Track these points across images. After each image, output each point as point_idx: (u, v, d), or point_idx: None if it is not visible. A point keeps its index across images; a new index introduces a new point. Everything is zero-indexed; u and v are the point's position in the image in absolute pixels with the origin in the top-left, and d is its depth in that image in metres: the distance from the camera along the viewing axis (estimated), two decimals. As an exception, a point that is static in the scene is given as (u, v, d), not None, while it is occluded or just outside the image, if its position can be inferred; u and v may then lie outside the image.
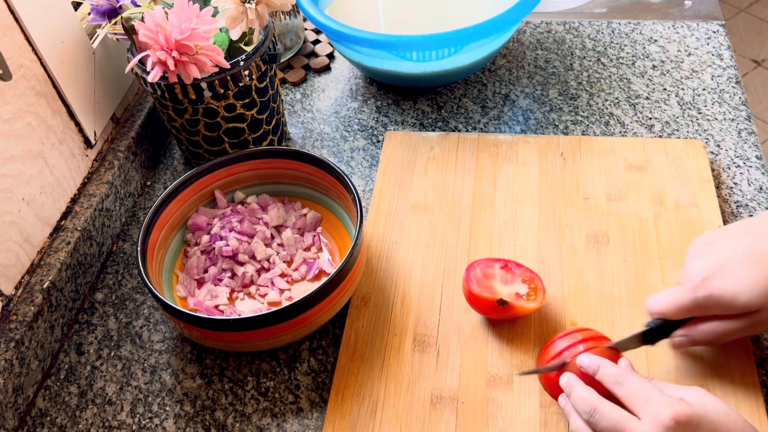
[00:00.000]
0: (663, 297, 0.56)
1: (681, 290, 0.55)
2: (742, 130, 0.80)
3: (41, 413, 0.64)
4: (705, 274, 0.54)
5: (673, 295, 0.55)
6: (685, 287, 0.54)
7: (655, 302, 0.56)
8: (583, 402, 0.51)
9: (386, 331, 0.65)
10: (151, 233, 0.67)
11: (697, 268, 0.54)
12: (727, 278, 0.53)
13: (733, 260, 0.53)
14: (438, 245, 0.71)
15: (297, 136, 0.86)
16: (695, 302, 0.54)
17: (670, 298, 0.55)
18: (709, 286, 0.53)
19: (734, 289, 0.52)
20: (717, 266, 0.53)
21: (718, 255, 0.54)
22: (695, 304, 0.54)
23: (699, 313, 0.55)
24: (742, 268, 0.52)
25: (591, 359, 0.54)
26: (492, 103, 0.87)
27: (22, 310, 0.64)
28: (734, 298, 0.52)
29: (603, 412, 0.50)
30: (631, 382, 0.50)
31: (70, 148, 0.73)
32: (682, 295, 0.54)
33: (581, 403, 0.51)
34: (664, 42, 0.91)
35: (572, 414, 0.53)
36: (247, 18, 0.68)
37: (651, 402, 0.48)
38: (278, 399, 0.63)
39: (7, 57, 0.63)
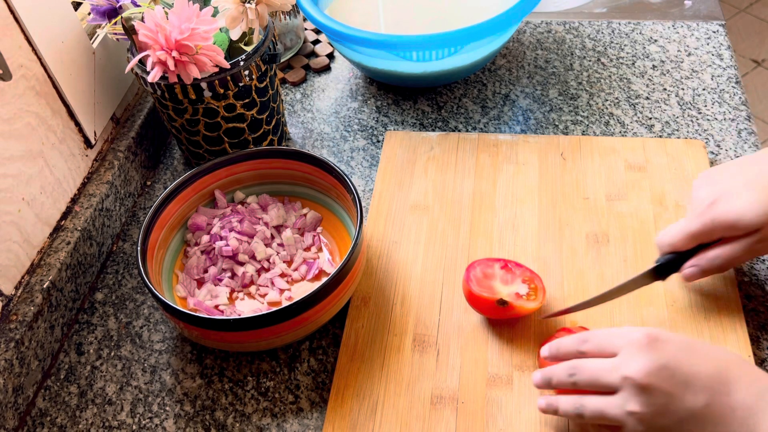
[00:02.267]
0: (671, 229, 0.59)
1: (688, 219, 0.58)
2: (742, 130, 0.80)
3: (41, 413, 0.64)
4: (710, 200, 0.57)
5: (681, 225, 0.58)
6: (692, 215, 0.58)
7: (665, 235, 0.60)
8: (563, 368, 0.53)
9: (386, 331, 0.65)
10: (151, 233, 0.67)
11: (703, 195, 0.58)
12: (731, 201, 0.56)
13: (735, 187, 0.57)
14: (438, 245, 0.71)
15: (297, 136, 0.86)
16: (702, 226, 0.57)
17: (679, 227, 0.58)
18: (715, 210, 0.56)
19: (738, 209, 0.55)
20: (721, 192, 0.57)
21: (721, 184, 0.58)
22: (703, 229, 0.57)
23: (707, 238, 0.58)
24: (745, 192, 0.56)
25: (548, 346, 0.56)
26: (492, 103, 0.87)
27: (22, 310, 0.64)
28: (739, 218, 0.55)
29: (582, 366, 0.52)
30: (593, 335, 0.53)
31: (70, 148, 0.73)
32: (690, 223, 0.58)
33: (562, 372, 0.53)
34: (664, 42, 0.91)
35: (559, 399, 0.53)
36: (247, 18, 0.68)
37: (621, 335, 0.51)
38: (278, 399, 0.63)
39: (7, 57, 0.63)
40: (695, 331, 0.61)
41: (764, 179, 0.56)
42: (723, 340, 0.61)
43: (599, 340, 0.52)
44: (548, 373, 0.54)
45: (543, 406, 0.55)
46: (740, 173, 0.58)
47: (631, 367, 0.48)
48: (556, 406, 0.54)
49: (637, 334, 0.49)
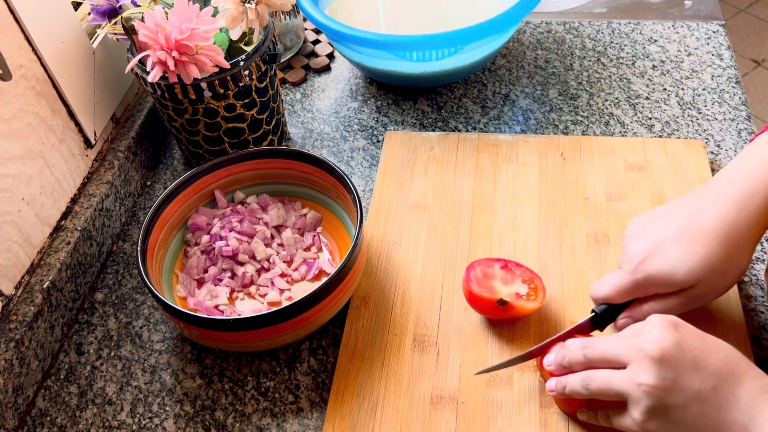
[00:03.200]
0: (605, 282, 0.58)
1: (621, 273, 0.57)
2: (742, 130, 0.80)
3: (41, 413, 0.64)
4: (642, 255, 0.56)
5: (614, 280, 0.58)
6: (625, 270, 0.57)
7: (598, 288, 0.59)
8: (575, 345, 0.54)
9: (386, 331, 0.65)
10: (151, 233, 0.67)
11: (635, 249, 0.57)
12: (663, 257, 0.55)
13: (667, 239, 0.55)
14: (438, 245, 0.71)
15: (297, 136, 0.86)
16: (635, 283, 0.56)
17: (612, 282, 0.58)
18: (647, 267, 0.55)
19: (670, 267, 0.54)
20: (653, 246, 0.56)
21: (653, 236, 0.56)
22: (635, 285, 0.56)
23: (640, 293, 0.57)
24: (677, 246, 0.54)
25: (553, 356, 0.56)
26: (492, 103, 0.87)
27: (22, 310, 0.64)
28: (671, 276, 0.54)
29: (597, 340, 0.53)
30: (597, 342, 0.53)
31: (70, 148, 0.73)
32: (623, 278, 0.57)
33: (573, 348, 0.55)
34: (664, 42, 0.91)
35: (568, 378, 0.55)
36: (247, 18, 0.68)
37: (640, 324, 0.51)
38: (278, 399, 0.63)
39: (7, 57, 0.63)
40: (695, 331, 0.61)
41: (694, 230, 0.54)
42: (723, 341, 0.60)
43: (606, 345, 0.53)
44: (562, 350, 0.56)
45: (552, 386, 0.56)
46: (671, 223, 0.56)
47: (647, 340, 0.49)
48: (564, 384, 0.55)
49: (657, 317, 0.50)
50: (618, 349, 0.51)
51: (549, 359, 0.57)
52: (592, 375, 0.52)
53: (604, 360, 0.52)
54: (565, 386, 0.54)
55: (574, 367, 0.54)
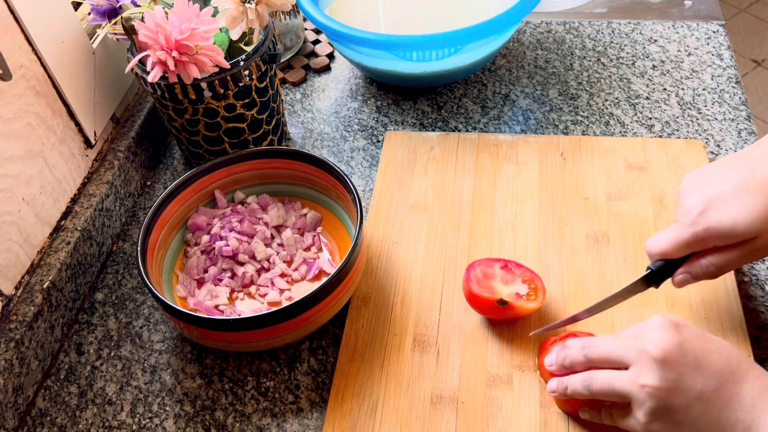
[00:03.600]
0: (662, 237, 0.57)
1: (679, 227, 0.56)
2: (742, 130, 0.80)
3: (41, 413, 0.64)
4: (701, 207, 0.54)
5: (672, 234, 0.56)
6: (683, 224, 0.55)
7: (655, 243, 0.57)
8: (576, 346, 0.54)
9: (386, 331, 0.65)
10: (151, 233, 0.67)
11: (693, 202, 0.55)
12: (723, 209, 0.53)
13: (726, 191, 0.54)
14: (438, 245, 0.71)
15: (297, 136, 0.86)
16: (695, 236, 0.54)
17: (670, 236, 0.56)
18: (707, 218, 0.54)
19: (731, 218, 0.53)
20: (712, 199, 0.54)
21: (711, 188, 0.55)
22: (695, 239, 0.55)
23: (699, 247, 0.55)
24: (737, 198, 0.53)
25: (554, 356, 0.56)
26: (492, 103, 0.87)
27: (22, 310, 0.64)
28: (732, 227, 0.53)
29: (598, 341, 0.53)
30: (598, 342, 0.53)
31: (70, 148, 0.73)
32: (681, 232, 0.55)
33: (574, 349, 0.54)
34: (664, 42, 0.91)
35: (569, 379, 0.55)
36: (247, 18, 0.68)
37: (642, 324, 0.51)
38: (278, 399, 0.63)
39: (7, 57, 0.63)
40: (695, 331, 0.61)
41: (755, 181, 0.53)
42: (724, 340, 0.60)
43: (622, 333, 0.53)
44: (563, 351, 0.56)
45: (554, 386, 0.56)
46: (729, 175, 0.55)
47: (649, 342, 0.49)
48: (566, 384, 0.54)
49: (658, 317, 0.50)
50: (620, 350, 0.51)
51: (550, 359, 0.57)
52: (593, 376, 0.52)
53: (605, 360, 0.52)
54: (566, 387, 0.54)
55: (576, 368, 0.54)
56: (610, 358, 0.51)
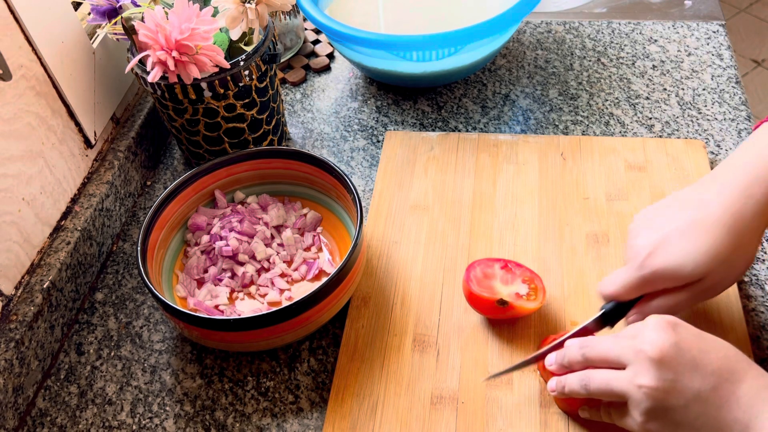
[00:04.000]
0: (612, 279, 0.57)
1: (628, 270, 0.56)
2: (742, 130, 0.80)
3: (41, 413, 0.64)
4: (648, 250, 0.55)
5: (621, 276, 0.56)
6: (631, 266, 0.56)
7: (605, 286, 0.58)
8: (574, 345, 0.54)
9: (386, 331, 0.65)
10: (151, 233, 0.67)
11: (641, 244, 0.56)
12: (669, 251, 0.54)
13: (673, 232, 0.54)
14: (438, 245, 0.71)
15: (297, 136, 0.86)
16: (643, 279, 0.55)
17: (619, 279, 0.57)
18: (654, 261, 0.54)
19: (678, 260, 0.53)
20: (659, 241, 0.54)
21: (659, 229, 0.55)
22: (643, 281, 0.55)
23: (648, 289, 0.56)
24: (683, 239, 0.53)
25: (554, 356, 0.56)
26: (492, 103, 0.87)
27: (22, 310, 0.64)
28: (679, 270, 0.53)
29: (596, 340, 0.53)
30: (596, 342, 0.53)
31: (70, 148, 0.73)
32: (630, 275, 0.56)
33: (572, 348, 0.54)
34: (664, 42, 0.91)
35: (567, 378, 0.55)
36: (247, 18, 0.68)
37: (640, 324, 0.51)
38: (278, 399, 0.63)
39: (7, 57, 0.63)
40: (695, 331, 0.61)
41: (701, 221, 0.53)
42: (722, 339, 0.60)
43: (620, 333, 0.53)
44: (562, 351, 0.55)
45: (553, 386, 0.56)
46: (676, 215, 0.55)
47: (646, 342, 0.49)
48: (564, 383, 0.55)
49: (655, 317, 0.50)
50: (617, 350, 0.51)
51: (550, 359, 0.57)
52: (591, 375, 0.52)
53: (602, 360, 0.52)
54: (564, 386, 0.54)
55: (574, 367, 0.54)
56: (608, 358, 0.51)
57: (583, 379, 0.53)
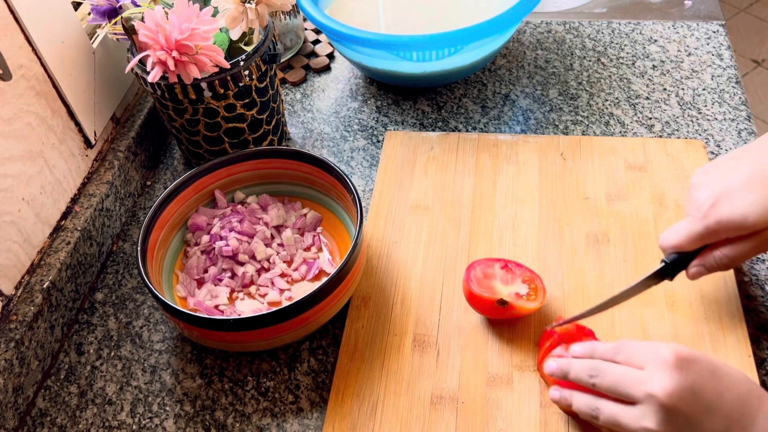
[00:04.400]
0: (675, 230, 0.57)
1: (691, 220, 0.56)
2: (742, 130, 0.80)
3: (41, 413, 0.64)
4: (712, 200, 0.55)
5: (684, 227, 0.57)
6: (695, 217, 0.56)
7: (668, 237, 0.58)
8: (585, 367, 0.53)
9: (386, 331, 0.65)
10: (151, 233, 0.67)
11: (704, 196, 0.56)
12: (734, 201, 0.54)
13: (736, 184, 0.55)
14: (438, 245, 0.71)
15: (297, 136, 0.86)
16: (707, 229, 0.55)
17: (683, 230, 0.57)
18: (718, 211, 0.54)
19: (742, 210, 0.53)
20: (722, 191, 0.55)
21: (721, 181, 0.56)
22: (707, 231, 0.55)
23: (712, 239, 0.56)
24: (747, 190, 0.54)
25: (583, 345, 0.55)
26: (492, 103, 0.87)
27: (22, 310, 0.64)
28: (744, 219, 0.53)
29: (606, 370, 0.52)
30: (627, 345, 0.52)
31: (70, 148, 0.73)
32: (694, 225, 0.56)
33: (583, 370, 0.53)
34: (664, 42, 0.91)
35: (574, 394, 0.54)
36: (247, 18, 0.68)
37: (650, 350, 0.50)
38: (278, 399, 0.63)
39: (7, 57, 0.63)
40: (695, 331, 0.61)
41: (763, 174, 0.54)
42: (723, 340, 0.61)
43: (629, 352, 0.52)
44: (566, 365, 0.55)
45: (556, 397, 0.56)
46: (738, 168, 0.56)
47: (657, 384, 0.48)
48: (570, 402, 0.54)
49: (667, 351, 0.49)
50: (627, 386, 0.50)
51: (551, 368, 0.56)
52: (600, 407, 0.52)
53: (612, 392, 0.51)
54: (571, 403, 0.54)
55: (580, 385, 0.54)
56: (617, 392, 0.51)
57: (592, 408, 0.52)
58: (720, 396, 0.48)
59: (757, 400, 0.48)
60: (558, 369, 0.55)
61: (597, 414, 0.52)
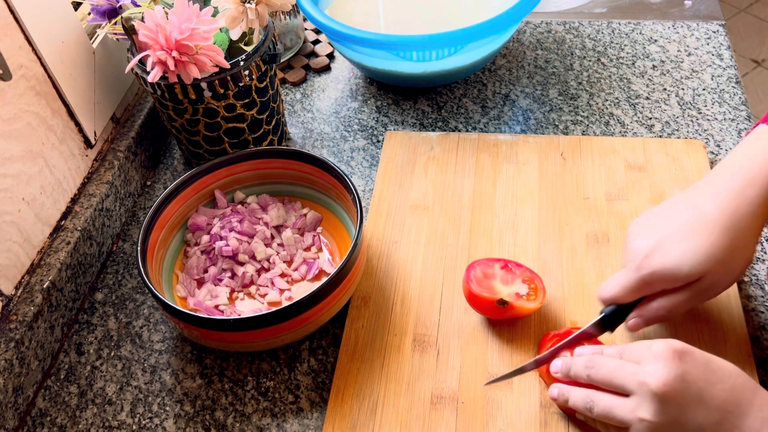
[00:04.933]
0: (611, 283, 0.58)
1: (626, 272, 0.56)
2: (742, 130, 0.80)
3: (41, 413, 0.64)
4: (646, 251, 0.55)
5: (619, 279, 0.57)
6: (630, 268, 0.56)
7: (604, 289, 0.58)
8: (582, 360, 0.54)
9: (386, 331, 0.65)
10: (151, 233, 0.67)
11: (638, 247, 0.56)
12: (667, 252, 0.54)
13: (670, 233, 0.55)
14: (438, 245, 0.71)
15: (297, 136, 0.86)
16: (641, 280, 0.55)
17: (618, 282, 0.57)
18: (651, 262, 0.54)
19: (675, 261, 0.53)
20: (657, 242, 0.55)
21: (656, 231, 0.56)
22: (642, 282, 0.55)
23: (647, 291, 0.56)
24: (680, 240, 0.54)
25: (560, 362, 0.56)
26: (492, 103, 0.87)
27: (22, 310, 0.64)
28: (677, 270, 0.53)
29: (602, 362, 0.53)
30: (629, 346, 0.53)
31: (70, 148, 0.73)
32: (628, 277, 0.56)
33: (580, 363, 0.54)
34: (664, 42, 0.91)
35: (571, 390, 0.55)
36: (247, 18, 0.68)
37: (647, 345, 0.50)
38: (278, 399, 0.63)
39: (7, 57, 0.63)
40: (695, 331, 0.62)
41: (697, 221, 0.54)
42: (723, 340, 0.61)
43: (629, 351, 0.52)
44: (569, 362, 0.55)
45: (555, 394, 0.56)
46: (673, 217, 0.56)
47: (650, 374, 0.48)
48: (567, 397, 0.55)
49: (661, 343, 0.49)
50: (621, 377, 0.50)
51: (556, 366, 0.57)
52: (595, 399, 0.52)
53: (606, 384, 0.52)
54: (567, 399, 0.55)
55: (579, 380, 0.54)
56: (612, 383, 0.51)
57: (587, 402, 0.53)
58: (713, 387, 0.48)
59: (751, 393, 0.48)
60: (562, 365, 0.56)
61: (591, 406, 0.52)
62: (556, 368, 0.56)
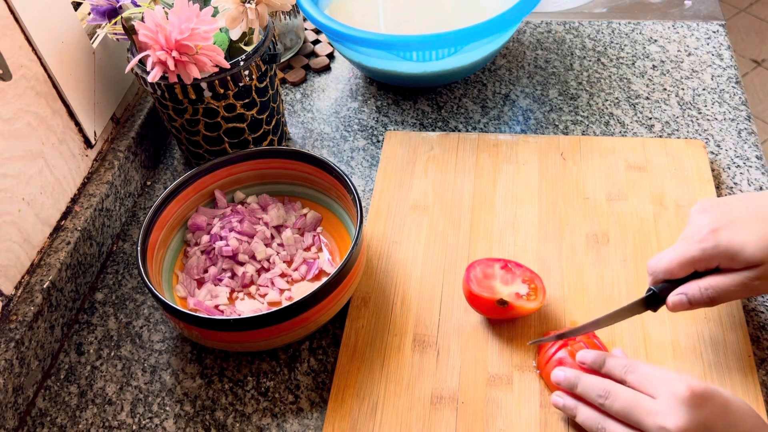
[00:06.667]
0: (666, 254, 0.56)
1: (687, 242, 0.55)
2: (742, 130, 0.80)
3: (41, 413, 0.64)
4: (714, 226, 0.54)
5: (677, 251, 0.55)
6: (691, 240, 0.55)
7: (658, 261, 0.57)
8: (595, 387, 0.53)
9: (386, 331, 0.65)
10: (151, 233, 0.67)
11: (705, 221, 0.55)
12: (734, 231, 0.53)
13: (740, 217, 0.54)
14: (438, 245, 0.71)
15: (297, 136, 0.86)
16: (702, 252, 0.54)
17: (674, 253, 0.56)
18: (718, 236, 0.54)
19: (743, 239, 0.53)
20: (725, 221, 0.54)
21: (726, 212, 0.55)
22: (702, 254, 0.54)
23: (703, 265, 0.55)
24: (749, 224, 0.53)
25: (595, 354, 0.56)
26: (492, 103, 0.87)
27: (22, 310, 0.64)
28: (741, 249, 0.53)
29: (617, 394, 0.52)
30: (640, 368, 0.52)
31: (70, 148, 0.73)
32: (689, 247, 0.55)
33: (593, 389, 0.53)
34: (664, 42, 0.91)
35: (579, 407, 0.54)
36: (247, 18, 0.68)
37: (665, 380, 0.50)
38: (278, 399, 0.63)
39: (7, 57, 0.63)
40: (695, 332, 0.61)
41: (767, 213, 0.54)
42: (723, 340, 0.61)
43: (645, 375, 0.52)
44: (575, 378, 0.55)
45: (560, 404, 0.56)
46: (744, 205, 0.56)
47: (671, 419, 0.48)
48: (575, 414, 0.55)
49: (682, 386, 0.49)
50: (638, 415, 0.50)
51: (558, 377, 0.56)
52: (607, 427, 0.52)
53: (622, 417, 0.51)
54: (575, 415, 0.55)
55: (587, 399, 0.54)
56: (628, 418, 0.51)
57: (599, 427, 0.52)
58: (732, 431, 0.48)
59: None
60: (565, 380, 0.56)
61: None
62: (558, 380, 0.56)
